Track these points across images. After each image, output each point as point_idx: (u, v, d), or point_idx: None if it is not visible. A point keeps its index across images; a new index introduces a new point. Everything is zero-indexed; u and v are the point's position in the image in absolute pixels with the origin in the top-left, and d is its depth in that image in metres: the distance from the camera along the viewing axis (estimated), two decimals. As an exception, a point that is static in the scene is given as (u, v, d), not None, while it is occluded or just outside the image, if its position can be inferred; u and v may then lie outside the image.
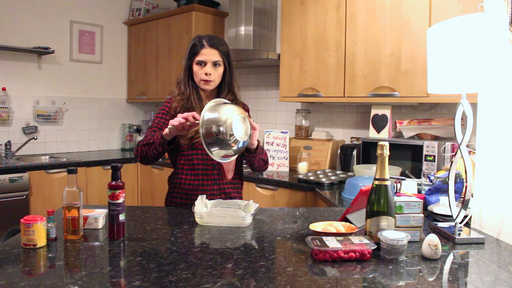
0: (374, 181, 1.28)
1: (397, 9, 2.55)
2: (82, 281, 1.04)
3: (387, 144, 1.27)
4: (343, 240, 1.24)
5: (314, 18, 2.98)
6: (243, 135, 1.54)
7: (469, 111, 1.40)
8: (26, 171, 3.29)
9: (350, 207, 1.48)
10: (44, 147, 4.10)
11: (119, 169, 1.36)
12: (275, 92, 3.70)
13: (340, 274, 1.11)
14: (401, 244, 1.19)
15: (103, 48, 4.47)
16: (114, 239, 1.36)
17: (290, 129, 3.54)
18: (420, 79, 2.45)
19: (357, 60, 2.74)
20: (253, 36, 3.52)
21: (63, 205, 1.34)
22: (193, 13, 3.90)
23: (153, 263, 1.17)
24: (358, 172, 2.55)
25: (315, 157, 3.17)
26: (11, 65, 3.85)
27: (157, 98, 4.31)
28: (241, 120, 1.54)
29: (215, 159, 1.56)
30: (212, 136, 1.49)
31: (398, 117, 2.89)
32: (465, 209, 1.41)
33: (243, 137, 1.54)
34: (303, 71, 3.05)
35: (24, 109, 3.95)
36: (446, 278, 1.13)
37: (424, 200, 1.83)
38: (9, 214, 3.14)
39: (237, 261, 1.19)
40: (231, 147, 1.52)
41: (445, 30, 1.38)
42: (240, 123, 1.53)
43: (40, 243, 1.26)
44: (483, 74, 1.30)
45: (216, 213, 1.54)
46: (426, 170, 2.42)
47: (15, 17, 3.84)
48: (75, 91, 4.29)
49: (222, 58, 1.83)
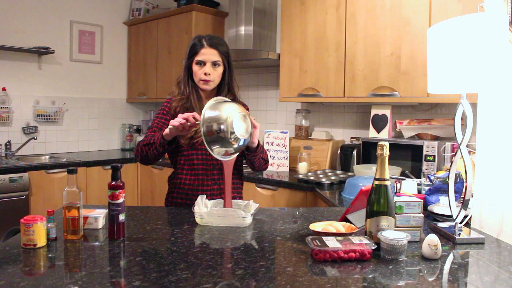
0: (374, 181, 1.28)
1: (397, 9, 2.55)
2: (82, 281, 1.04)
3: (387, 144, 1.27)
4: (343, 240, 1.24)
5: (314, 18, 2.98)
6: (243, 133, 1.54)
7: (469, 111, 1.40)
8: (26, 171, 3.29)
9: (350, 207, 1.48)
10: (44, 147, 4.10)
11: (119, 169, 1.36)
12: (275, 92, 3.70)
13: (340, 274, 1.11)
14: (401, 244, 1.19)
15: (103, 48, 4.47)
16: (114, 239, 1.35)
17: (290, 129, 3.54)
18: (420, 79, 2.45)
19: (357, 60, 2.74)
20: (253, 36, 3.52)
21: (63, 205, 1.34)
22: (193, 13, 3.90)
23: (153, 263, 1.17)
24: (358, 172, 2.55)
25: (315, 157, 3.17)
26: (11, 65, 3.85)
27: (157, 98, 4.31)
28: (241, 118, 1.54)
29: (216, 157, 1.57)
30: (213, 134, 1.49)
31: (398, 117, 2.89)
32: (465, 209, 1.41)
33: (244, 135, 1.55)
34: (303, 71, 3.05)
35: (24, 109, 3.95)
36: (446, 278, 1.13)
37: (424, 200, 1.83)
38: (9, 214, 3.14)
39: (237, 261, 1.19)
40: (232, 145, 1.53)
41: (445, 30, 1.38)
42: (241, 121, 1.54)
43: (40, 243, 1.26)
44: (483, 74, 1.30)
45: (216, 213, 1.54)
46: (426, 170, 2.42)
47: (15, 17, 3.84)
48: (75, 91, 4.29)
49: (221, 58, 1.83)
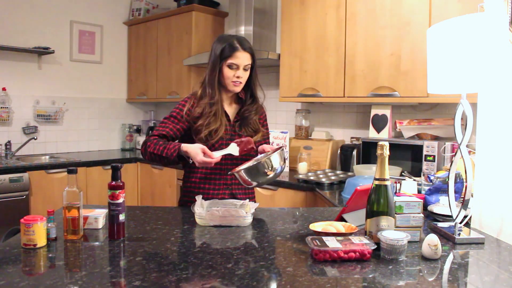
0: (374, 181, 1.28)
1: (397, 9, 2.55)
2: (82, 281, 1.04)
3: (387, 144, 1.27)
4: (343, 240, 1.24)
5: (314, 18, 2.98)
6: (277, 165, 1.67)
7: (469, 111, 1.40)
8: (26, 171, 3.29)
9: (346, 207, 1.48)
10: (44, 147, 4.10)
11: (119, 169, 1.36)
12: (275, 92, 3.69)
13: (340, 274, 1.11)
14: (401, 244, 1.19)
15: (103, 48, 4.47)
16: (114, 239, 1.36)
17: (290, 129, 3.54)
18: (420, 79, 2.45)
19: (357, 60, 2.74)
20: (253, 36, 3.52)
21: (63, 205, 1.34)
22: (193, 13, 3.90)
23: (153, 263, 1.17)
24: (358, 172, 2.55)
25: (315, 157, 3.17)
26: (11, 65, 3.85)
27: (157, 98, 4.31)
28: (276, 157, 1.66)
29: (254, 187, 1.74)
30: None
31: (398, 117, 2.89)
32: (465, 209, 1.41)
33: (278, 166, 1.68)
34: (303, 71, 3.05)
35: (24, 109, 3.95)
36: (446, 278, 1.13)
37: (424, 200, 1.83)
38: (9, 214, 3.14)
39: (237, 261, 1.19)
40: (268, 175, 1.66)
41: (445, 30, 1.38)
42: (277, 158, 1.66)
43: (40, 243, 1.26)
44: (483, 74, 1.30)
45: (216, 213, 1.55)
46: (426, 170, 2.42)
47: (15, 17, 3.84)
48: (75, 91, 4.29)
49: (251, 60, 1.82)
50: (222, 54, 1.79)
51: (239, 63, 1.78)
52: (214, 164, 1.84)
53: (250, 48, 1.82)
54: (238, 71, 1.79)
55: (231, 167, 1.87)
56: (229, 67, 1.79)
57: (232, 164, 1.88)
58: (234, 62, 1.78)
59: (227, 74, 1.80)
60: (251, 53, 1.81)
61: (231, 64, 1.78)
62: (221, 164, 1.85)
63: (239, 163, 1.89)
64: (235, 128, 1.88)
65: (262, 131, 1.94)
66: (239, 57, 1.78)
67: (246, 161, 1.82)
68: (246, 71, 1.82)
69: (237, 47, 1.78)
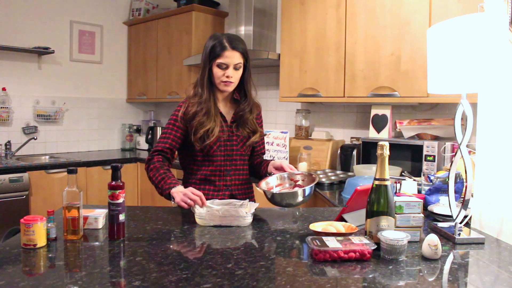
0: (374, 181, 1.28)
1: (397, 9, 2.55)
2: (82, 281, 1.04)
3: (387, 144, 1.27)
4: (343, 240, 1.24)
5: (314, 18, 2.98)
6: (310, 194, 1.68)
7: (469, 111, 1.40)
8: (26, 171, 3.29)
9: (346, 207, 1.48)
10: (44, 147, 4.10)
11: (119, 169, 1.36)
12: (275, 92, 3.70)
13: (340, 274, 1.11)
14: (401, 244, 1.19)
15: (103, 48, 4.47)
16: (114, 239, 1.35)
17: (290, 129, 3.54)
18: (420, 79, 2.45)
19: (357, 60, 2.74)
20: (253, 36, 3.53)
21: (63, 205, 1.34)
22: (193, 13, 3.90)
23: (153, 263, 1.17)
24: (358, 172, 2.55)
25: (315, 157, 3.17)
26: (11, 65, 3.85)
27: (157, 98, 4.31)
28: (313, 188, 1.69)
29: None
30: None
31: (398, 117, 2.89)
32: (465, 209, 1.41)
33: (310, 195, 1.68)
34: (303, 71, 3.05)
35: (24, 109, 3.95)
36: (446, 278, 1.13)
37: (424, 200, 1.83)
38: (9, 214, 3.14)
39: (237, 261, 1.19)
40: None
41: (445, 30, 1.38)
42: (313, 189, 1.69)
43: (40, 243, 1.26)
44: (483, 74, 1.30)
45: (216, 213, 1.55)
46: (426, 170, 2.42)
47: (15, 17, 3.84)
48: (75, 91, 4.29)
49: (242, 59, 1.79)
50: (212, 53, 1.76)
51: (228, 63, 1.75)
52: (215, 165, 1.84)
53: (241, 47, 1.78)
54: (228, 71, 1.76)
55: (230, 168, 1.87)
56: (219, 67, 1.76)
57: (232, 165, 1.87)
58: (223, 61, 1.75)
59: (216, 74, 1.77)
60: (242, 51, 1.77)
61: (220, 64, 1.76)
62: (221, 165, 1.86)
63: (239, 162, 1.89)
64: (233, 129, 1.88)
65: (260, 131, 1.94)
66: (228, 56, 1.74)
67: (266, 175, 1.86)
68: (237, 70, 1.78)
69: (225, 46, 1.74)
